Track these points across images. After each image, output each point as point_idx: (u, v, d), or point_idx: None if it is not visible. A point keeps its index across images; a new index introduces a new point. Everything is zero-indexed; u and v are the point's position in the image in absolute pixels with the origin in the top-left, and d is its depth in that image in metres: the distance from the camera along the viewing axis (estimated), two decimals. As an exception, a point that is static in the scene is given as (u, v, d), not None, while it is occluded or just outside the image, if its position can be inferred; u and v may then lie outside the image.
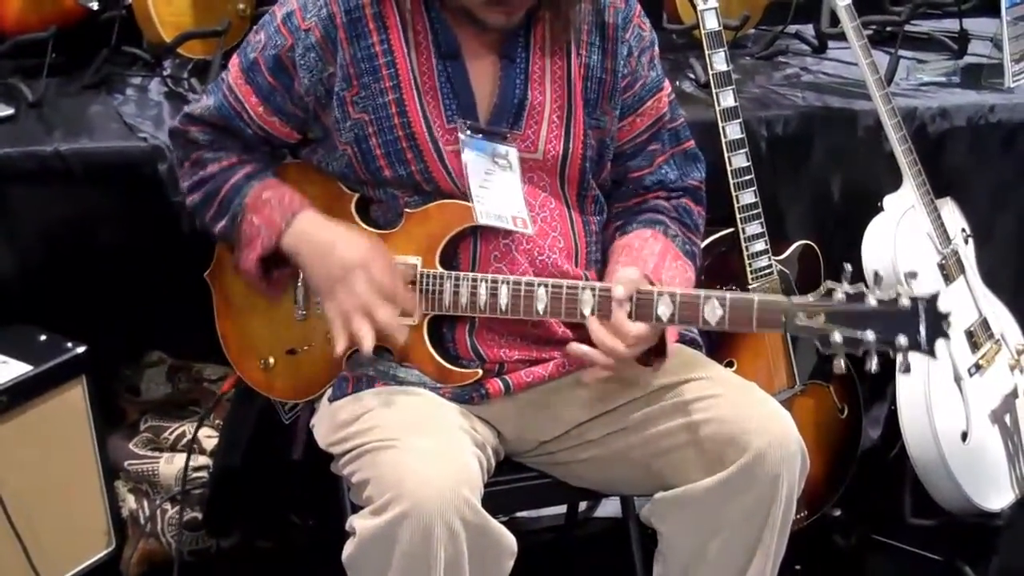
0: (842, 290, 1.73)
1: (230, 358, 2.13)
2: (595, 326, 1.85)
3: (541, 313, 1.88)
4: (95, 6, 2.73)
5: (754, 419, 1.88)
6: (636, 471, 1.97)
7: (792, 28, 3.28)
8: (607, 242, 2.08)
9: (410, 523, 1.69)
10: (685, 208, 2.09)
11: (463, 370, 1.95)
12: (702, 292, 1.81)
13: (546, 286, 1.87)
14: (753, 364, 2.52)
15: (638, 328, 1.83)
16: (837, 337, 1.72)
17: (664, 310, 1.82)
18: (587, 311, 1.85)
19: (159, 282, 2.54)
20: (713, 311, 1.80)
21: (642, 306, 1.84)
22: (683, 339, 2.08)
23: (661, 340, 1.90)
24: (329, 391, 2.01)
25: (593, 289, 1.85)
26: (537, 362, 1.98)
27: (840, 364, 1.75)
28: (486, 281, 1.90)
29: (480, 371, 1.95)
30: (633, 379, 1.97)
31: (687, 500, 1.90)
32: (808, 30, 3.33)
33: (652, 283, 1.89)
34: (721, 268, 2.49)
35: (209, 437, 2.56)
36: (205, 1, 2.82)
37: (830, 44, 3.27)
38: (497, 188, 1.93)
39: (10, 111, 2.58)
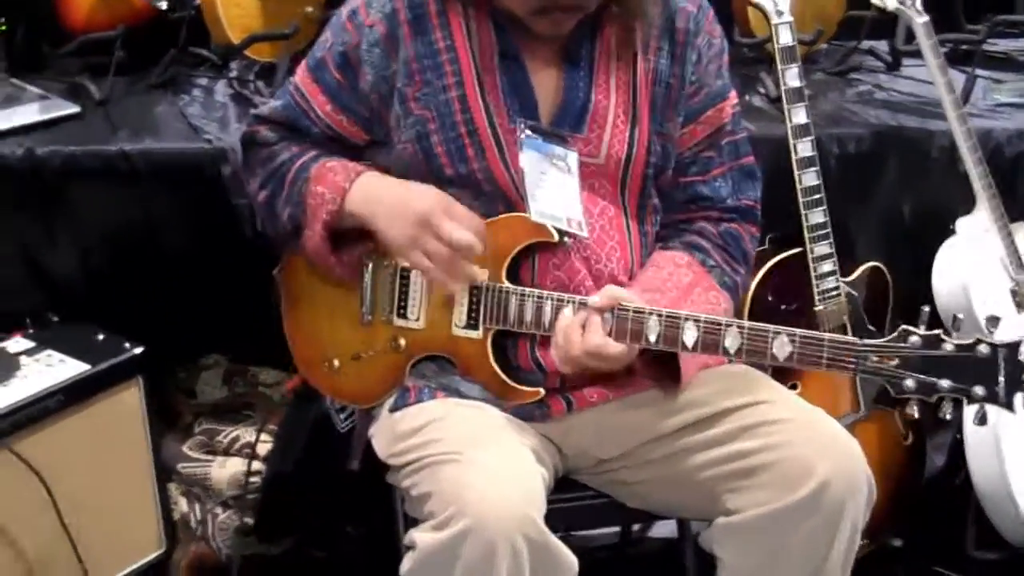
0: (918, 334, 1.68)
1: (295, 358, 2.12)
2: (566, 318, 1.83)
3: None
4: (164, 6, 2.73)
5: (821, 446, 1.83)
6: (696, 494, 1.93)
7: (865, 44, 3.22)
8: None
9: (473, 539, 1.67)
10: (732, 235, 2.05)
11: (525, 388, 1.93)
12: (771, 327, 1.77)
13: (612, 310, 1.83)
14: (817, 387, 2.45)
15: (591, 344, 1.80)
16: (910, 383, 1.69)
17: (732, 342, 1.78)
18: (653, 337, 1.81)
19: (218, 285, 2.54)
20: (782, 347, 1.76)
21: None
22: (748, 360, 2.04)
23: (675, 364, 1.88)
24: (390, 401, 1.99)
25: (660, 315, 1.81)
26: (600, 381, 1.94)
27: (913, 410, 1.70)
28: (551, 299, 1.87)
29: (542, 391, 1.92)
30: (697, 401, 1.93)
31: (748, 527, 1.85)
32: (881, 46, 3.26)
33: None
34: (787, 288, 2.44)
35: (263, 442, 2.54)
36: (273, 4, 2.82)
37: (904, 61, 3.19)
38: (554, 190, 1.90)
39: (76, 109, 2.59)
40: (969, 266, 2.56)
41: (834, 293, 2.46)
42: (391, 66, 1.91)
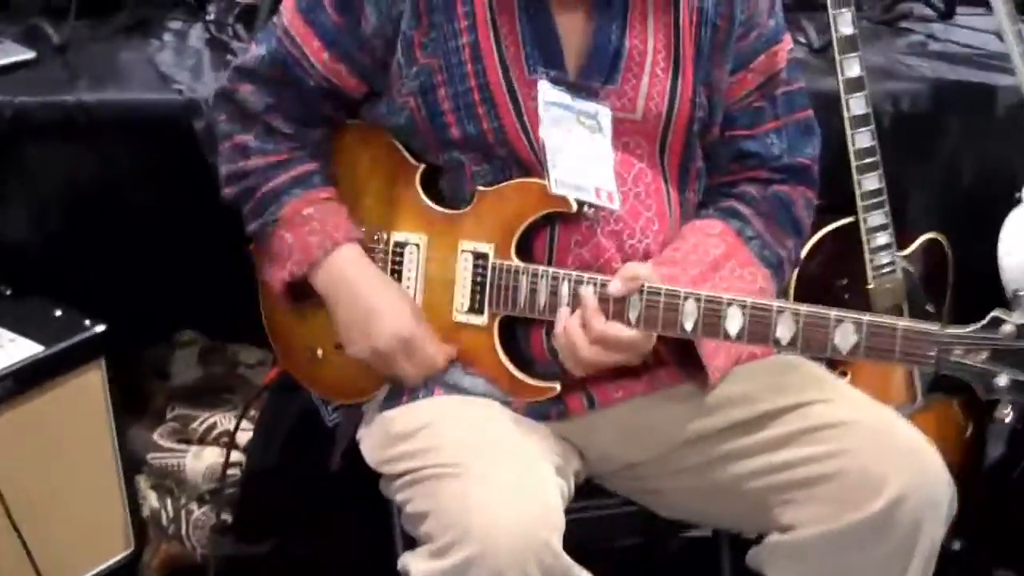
0: (1013, 322, 1.48)
1: (273, 344, 1.98)
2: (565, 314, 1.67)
3: (632, 322, 1.64)
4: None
5: (894, 455, 1.62)
6: (742, 506, 1.73)
7: (915, -9, 3.06)
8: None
9: (478, 571, 1.50)
10: (781, 199, 1.83)
11: (538, 383, 1.72)
12: (832, 311, 1.55)
13: (641, 292, 1.62)
14: (868, 374, 2.26)
15: (616, 331, 1.63)
16: (1003, 381, 1.49)
17: (784, 331, 1.56)
18: (689, 325, 1.61)
19: (192, 252, 2.42)
20: (846, 337, 1.54)
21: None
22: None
23: (692, 351, 1.68)
24: (381, 397, 1.81)
25: (699, 299, 1.60)
26: (626, 374, 1.74)
27: (1006, 414, 1.48)
28: (568, 279, 1.67)
29: (557, 386, 1.72)
30: (740, 398, 1.72)
31: (806, 548, 1.65)
32: (933, -8, 3.07)
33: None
34: (837, 263, 2.27)
35: (243, 430, 2.39)
36: (254, -62, 2.65)
37: (958, 9, 2.99)
38: (580, 154, 1.71)
39: (31, 55, 2.44)
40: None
41: (889, 269, 2.29)
42: (398, 6, 1.70)
